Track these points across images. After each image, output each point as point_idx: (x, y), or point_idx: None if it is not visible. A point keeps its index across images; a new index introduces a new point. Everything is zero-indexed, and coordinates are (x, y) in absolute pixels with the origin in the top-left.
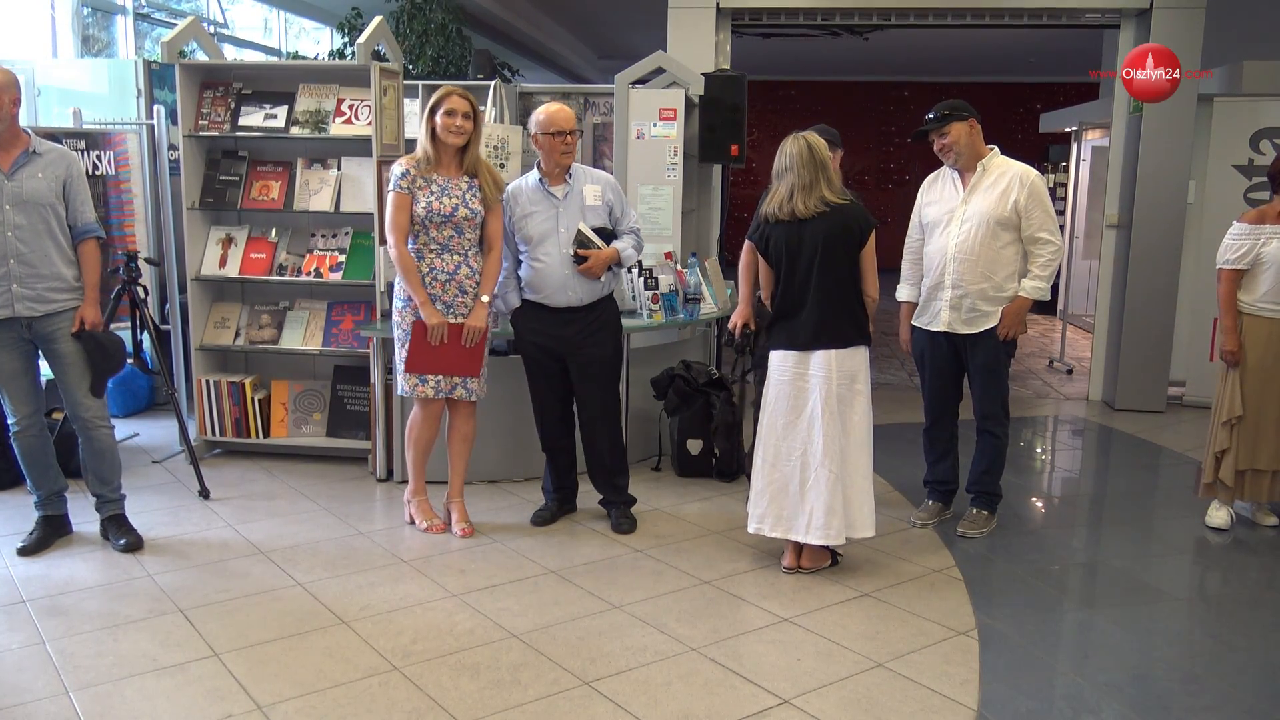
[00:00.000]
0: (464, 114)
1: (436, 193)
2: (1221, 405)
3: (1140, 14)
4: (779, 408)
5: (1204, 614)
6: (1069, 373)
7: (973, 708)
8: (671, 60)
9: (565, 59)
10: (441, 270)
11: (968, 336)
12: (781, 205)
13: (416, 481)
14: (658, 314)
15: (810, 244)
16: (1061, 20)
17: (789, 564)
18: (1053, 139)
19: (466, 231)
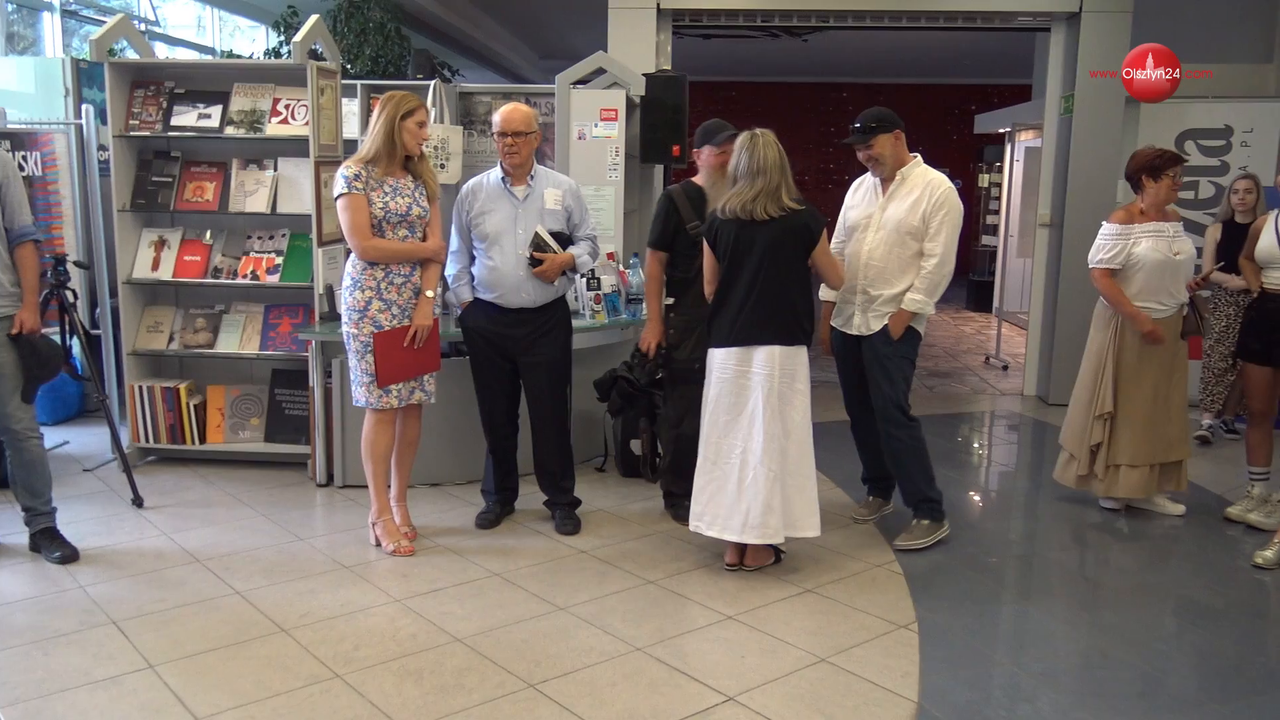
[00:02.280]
0: (420, 123)
1: (390, 193)
2: (1096, 400)
3: (1070, 18)
4: (720, 405)
5: (1133, 604)
6: (1005, 369)
7: (913, 700)
8: (612, 61)
9: (506, 59)
10: (398, 273)
11: (867, 336)
12: (744, 205)
13: (379, 500)
14: (600, 314)
15: (762, 245)
16: (994, 23)
17: (730, 561)
18: (987, 140)
19: (418, 230)
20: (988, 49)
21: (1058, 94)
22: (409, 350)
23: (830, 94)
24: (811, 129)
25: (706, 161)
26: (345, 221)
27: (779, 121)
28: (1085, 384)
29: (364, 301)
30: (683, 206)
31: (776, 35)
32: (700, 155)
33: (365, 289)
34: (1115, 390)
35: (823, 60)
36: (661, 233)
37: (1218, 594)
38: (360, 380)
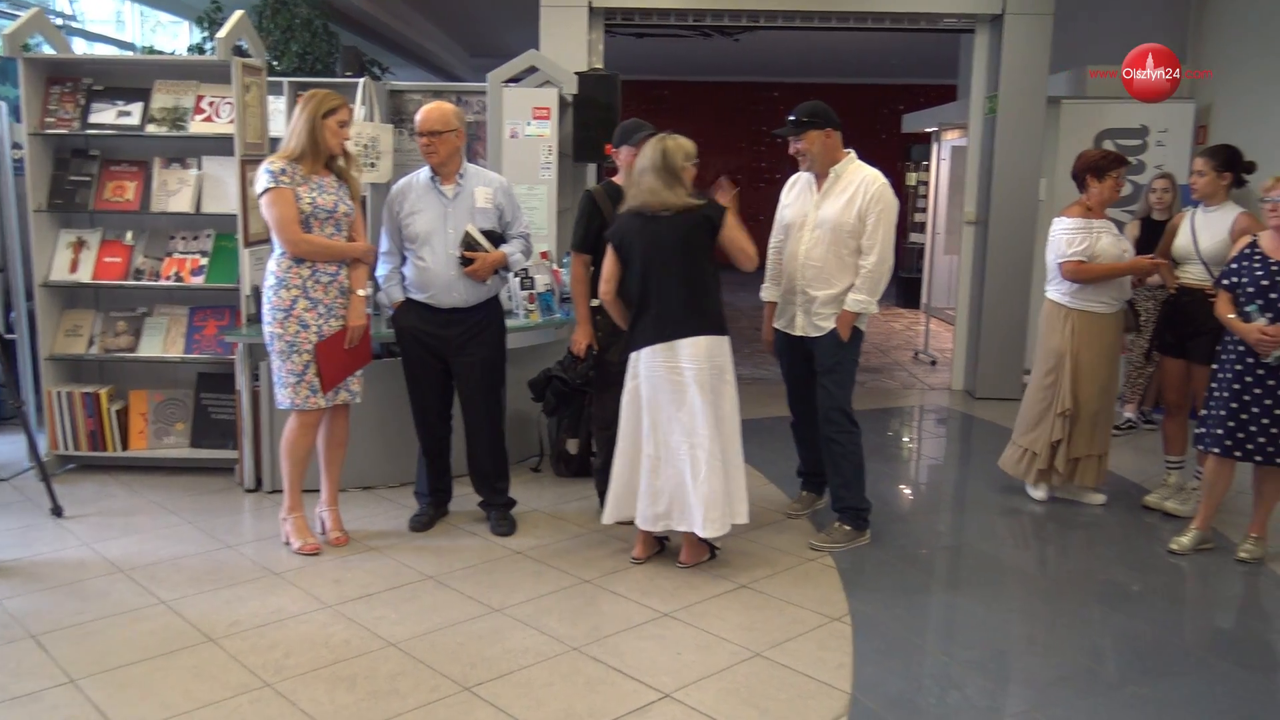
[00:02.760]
0: (341, 122)
1: (317, 190)
2: (1057, 398)
3: (993, 20)
4: (658, 403)
5: (1058, 591)
6: (933, 364)
7: (847, 691)
8: (544, 59)
9: (437, 57)
10: (324, 272)
11: (815, 339)
12: (644, 203)
13: (293, 498)
14: (534, 314)
15: (671, 241)
16: (920, 24)
17: (638, 555)
18: (914, 139)
19: (344, 228)
20: (915, 50)
21: (982, 94)
22: (345, 351)
23: (762, 93)
24: (744, 128)
25: (625, 161)
26: (273, 217)
27: (711, 121)
28: (1043, 383)
29: (289, 300)
30: (604, 207)
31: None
32: (619, 155)
33: (291, 288)
34: (1074, 388)
35: (755, 60)
36: (584, 235)
37: (1137, 579)
38: (285, 381)
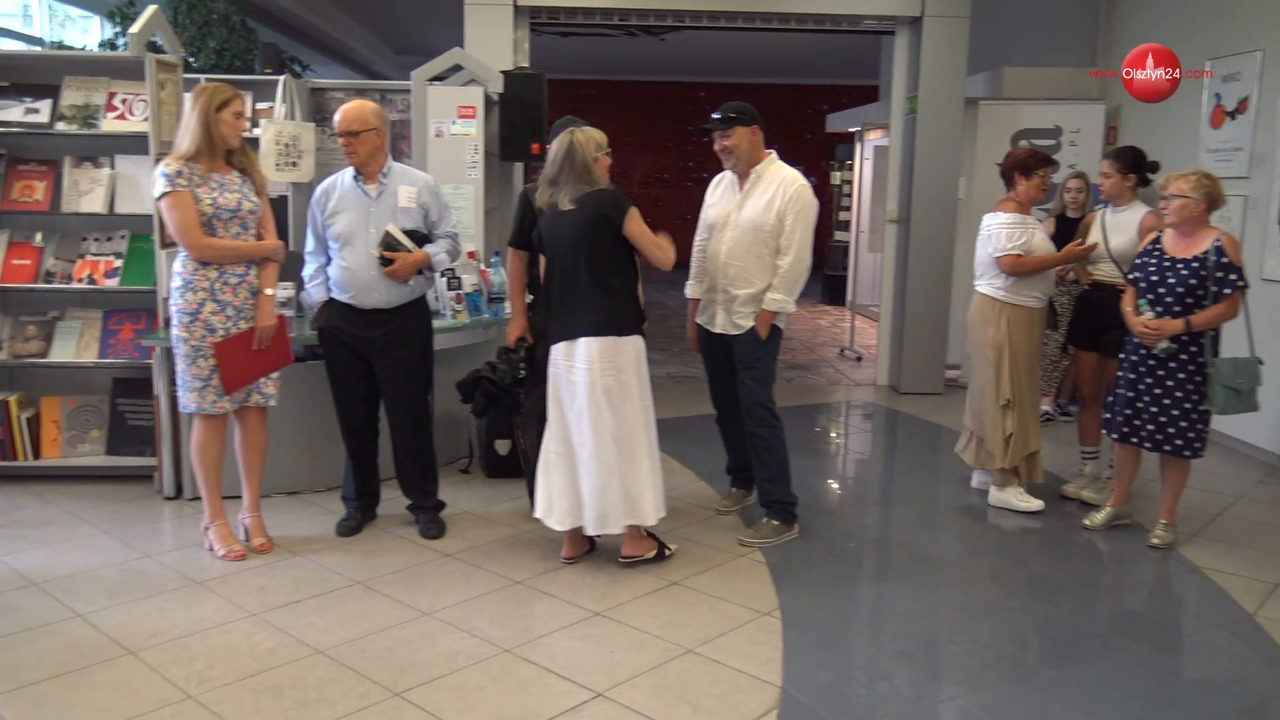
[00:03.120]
0: (237, 113)
1: (217, 188)
2: (999, 390)
3: (912, 22)
4: (555, 399)
5: (980, 580)
6: (858, 360)
7: (777, 684)
8: (469, 57)
9: (360, 54)
10: (233, 273)
11: (735, 337)
12: (546, 199)
13: (213, 505)
14: (461, 314)
15: (569, 238)
16: (842, 26)
17: (568, 554)
18: (838, 139)
19: (251, 227)
20: (838, 51)
21: (902, 95)
22: (255, 353)
23: (688, 93)
24: (670, 127)
25: None
26: (173, 221)
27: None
28: (989, 377)
29: (196, 304)
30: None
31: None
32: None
33: (198, 290)
34: (1015, 379)
35: (681, 59)
36: (518, 231)
37: (1057, 567)
38: (190, 385)
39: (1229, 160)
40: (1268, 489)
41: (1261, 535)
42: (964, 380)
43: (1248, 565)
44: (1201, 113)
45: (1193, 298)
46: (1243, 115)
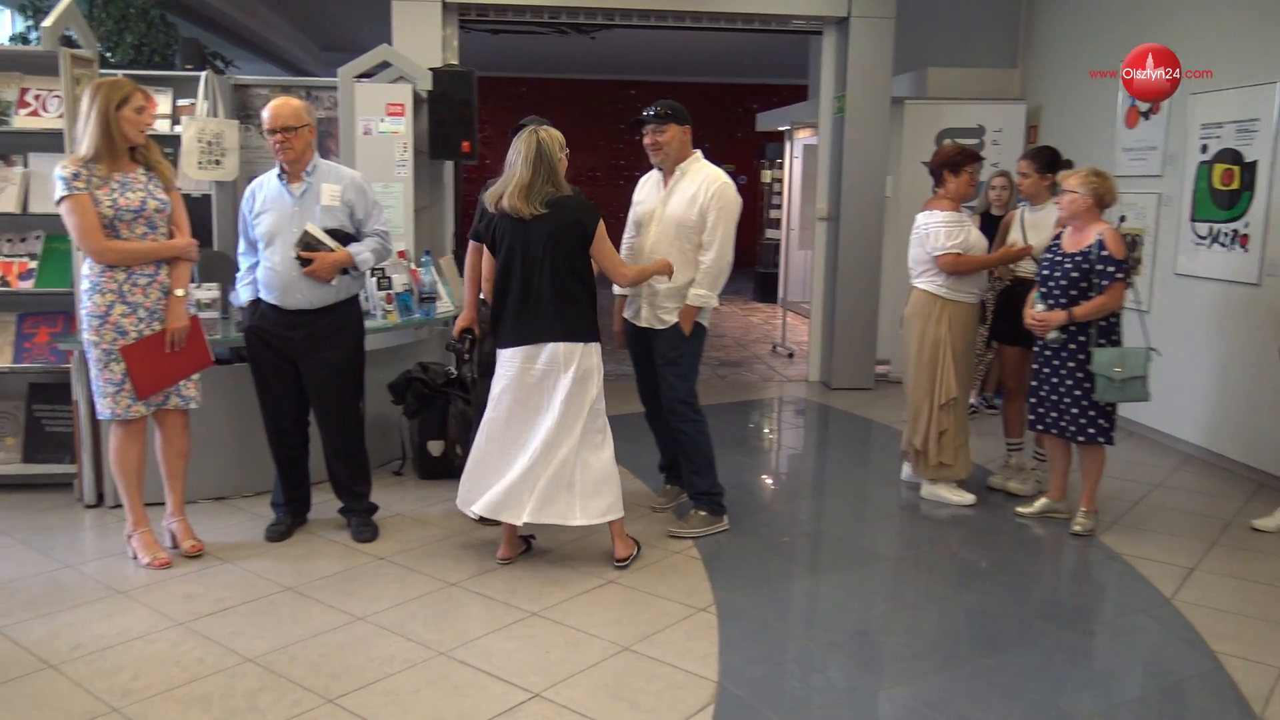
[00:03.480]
0: (138, 108)
1: (118, 189)
2: (939, 388)
3: (839, 22)
4: (503, 402)
5: (912, 572)
6: (790, 356)
7: (713, 679)
8: (397, 54)
9: (284, 50)
10: (142, 274)
11: (658, 331)
12: (509, 201)
13: (135, 513)
14: (392, 314)
15: (539, 242)
16: (771, 25)
17: (505, 555)
18: (768, 137)
19: (160, 225)
20: (768, 50)
21: (831, 94)
22: (169, 355)
23: (620, 91)
24: (602, 125)
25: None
26: (73, 226)
27: (569, 118)
28: (925, 376)
29: (105, 306)
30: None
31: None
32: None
33: (106, 293)
34: (956, 377)
35: (612, 58)
36: (475, 224)
37: (985, 557)
38: (104, 391)
39: (1143, 159)
40: (1183, 477)
41: (1177, 522)
42: (895, 376)
43: (1165, 551)
44: (1117, 113)
45: (1076, 289)
46: (1155, 116)
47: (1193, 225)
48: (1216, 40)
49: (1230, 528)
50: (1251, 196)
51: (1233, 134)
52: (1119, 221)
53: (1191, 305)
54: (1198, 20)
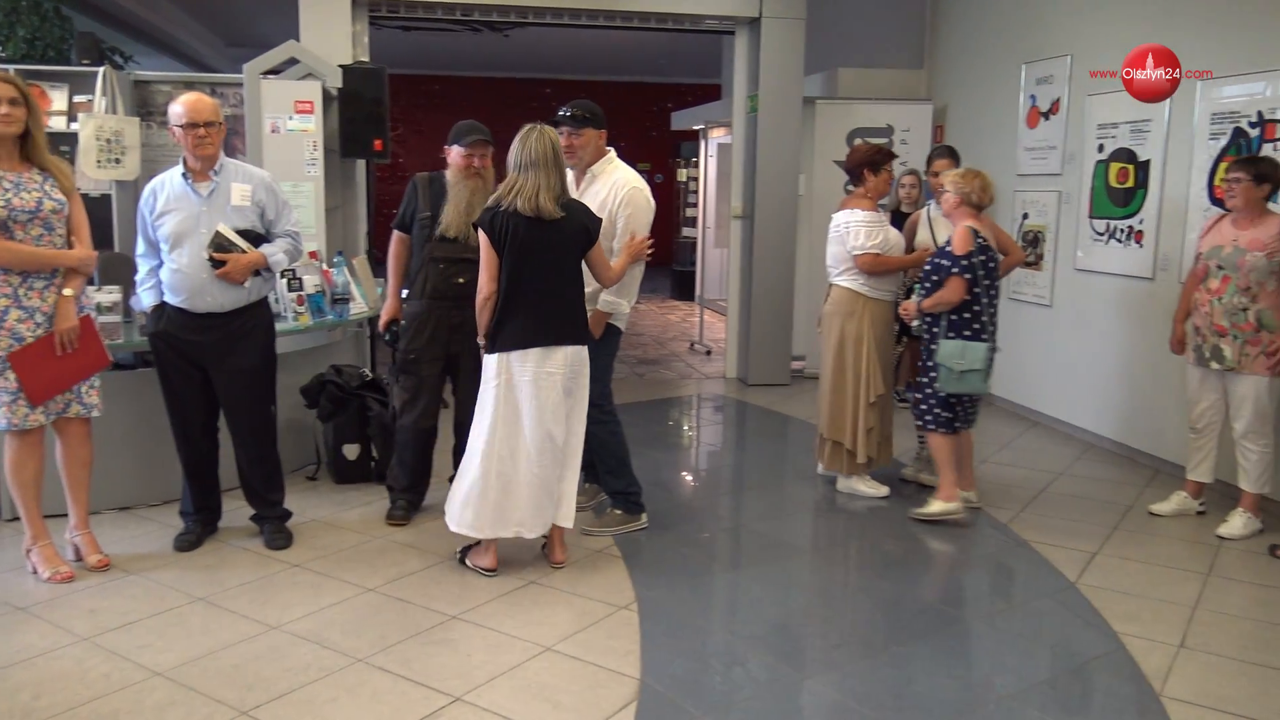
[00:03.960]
0: (10, 100)
1: (11, 189)
2: (864, 386)
3: (751, 22)
4: (511, 403)
5: (830, 564)
6: (708, 353)
7: (636, 676)
8: (305, 51)
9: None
10: (38, 277)
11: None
12: (528, 201)
13: (34, 526)
14: (304, 316)
15: (556, 245)
16: (684, 25)
17: (491, 566)
18: (683, 136)
19: (57, 227)
20: (682, 50)
21: (744, 94)
22: (61, 359)
23: (535, 90)
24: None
25: (454, 160)
26: None
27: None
28: (847, 373)
29: None
30: (422, 194)
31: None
32: (449, 153)
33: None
34: (881, 374)
35: (526, 56)
36: (400, 215)
37: (899, 547)
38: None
39: (1044, 158)
40: (1085, 465)
41: (1080, 508)
42: (811, 372)
43: (1069, 537)
44: (1019, 113)
45: (929, 282)
46: (1055, 116)
47: (1091, 222)
48: (1113, 44)
49: (1130, 513)
50: (1145, 194)
51: (1127, 134)
52: (1022, 219)
53: (1091, 299)
54: (1097, 24)
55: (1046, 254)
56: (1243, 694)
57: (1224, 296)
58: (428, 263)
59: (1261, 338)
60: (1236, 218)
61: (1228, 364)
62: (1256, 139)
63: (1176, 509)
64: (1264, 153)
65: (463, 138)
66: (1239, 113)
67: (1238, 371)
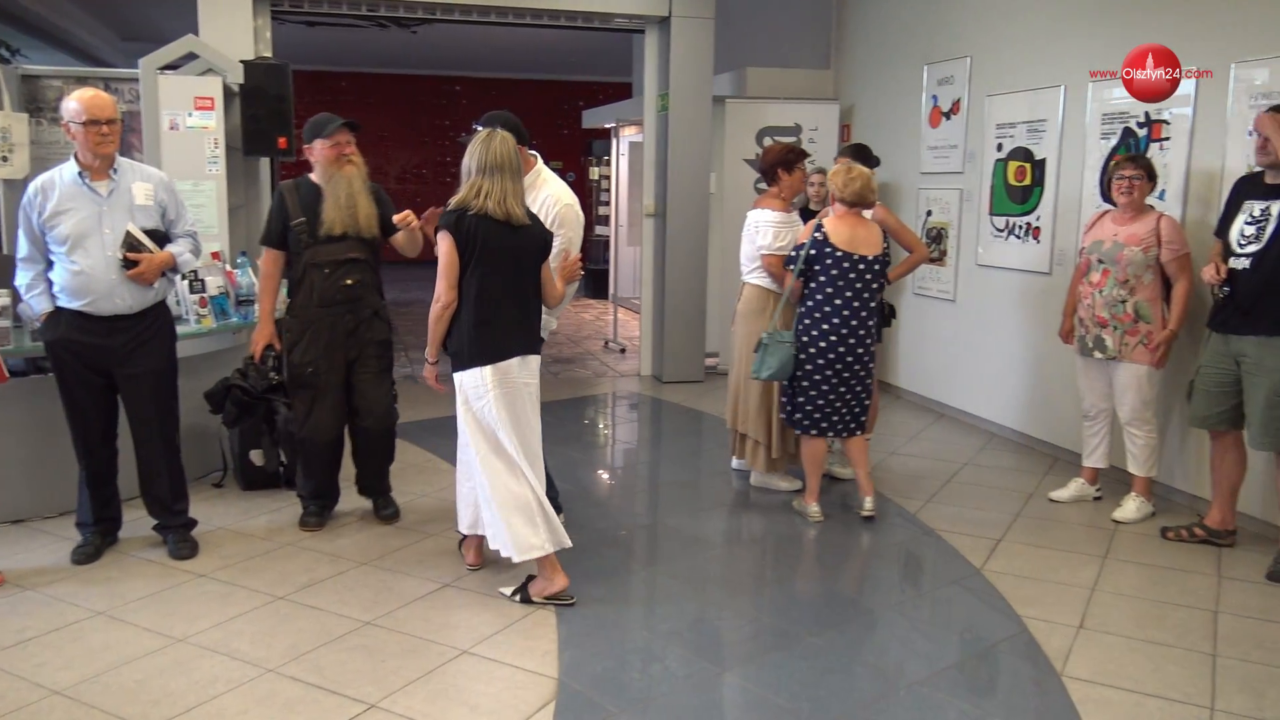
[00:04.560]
0: None
1: None
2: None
3: (661, 21)
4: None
5: (745, 558)
6: (622, 351)
7: (554, 676)
8: (205, 45)
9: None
10: None
11: None
12: (499, 204)
13: None
14: (207, 319)
15: (527, 252)
16: (594, 23)
17: (475, 562)
18: (595, 134)
19: None
20: (593, 48)
21: (654, 92)
22: None
23: (445, 87)
24: (427, 122)
25: (320, 156)
26: None
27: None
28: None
29: None
30: (291, 202)
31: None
32: (312, 151)
33: None
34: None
35: (436, 54)
36: (269, 230)
37: (812, 539)
38: None
39: (946, 157)
40: (989, 454)
41: (984, 497)
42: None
43: (974, 525)
44: (922, 112)
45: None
46: (956, 116)
47: (991, 219)
48: (1010, 46)
49: (1031, 500)
50: (1042, 192)
51: (1024, 134)
52: (926, 216)
53: (993, 294)
54: (995, 27)
55: (950, 250)
56: (1138, 671)
57: (1104, 289)
58: (310, 270)
59: (1140, 328)
60: (1117, 214)
61: (1109, 353)
62: (1144, 138)
63: (1074, 495)
64: (1151, 152)
65: (324, 129)
66: (1128, 113)
67: (1119, 360)
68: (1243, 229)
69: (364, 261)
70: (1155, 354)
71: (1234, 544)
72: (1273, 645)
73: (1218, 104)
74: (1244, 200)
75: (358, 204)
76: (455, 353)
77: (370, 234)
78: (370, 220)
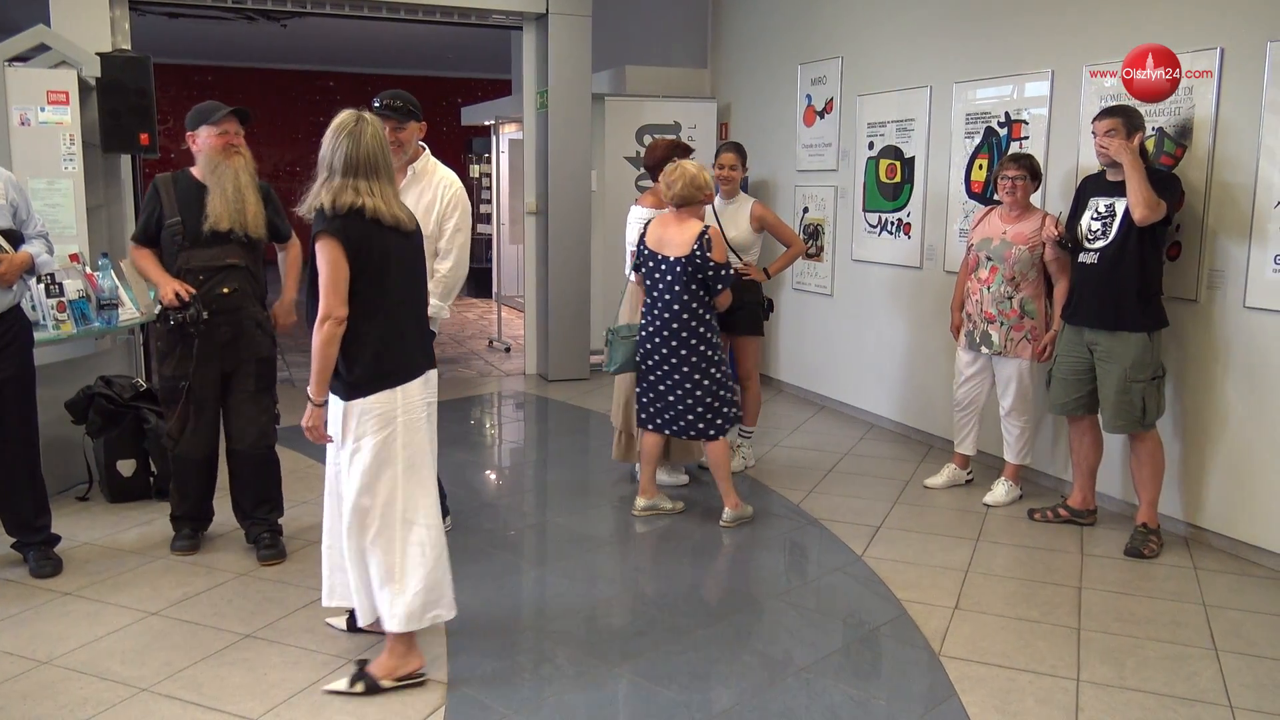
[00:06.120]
0: None
1: None
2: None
3: (539, 18)
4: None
5: (633, 553)
6: (507, 350)
7: (444, 681)
8: (57, 36)
9: None
10: None
11: None
12: (388, 206)
13: None
14: (66, 324)
15: (414, 254)
16: (471, 19)
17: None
18: (475, 132)
19: None
20: (471, 43)
21: (534, 90)
22: None
23: (318, 82)
24: (300, 118)
25: (206, 144)
26: None
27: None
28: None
29: None
30: (166, 198)
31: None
32: (196, 139)
33: None
34: None
35: (308, 48)
36: (143, 226)
37: (700, 533)
38: None
39: (821, 155)
40: (867, 444)
41: (863, 485)
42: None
43: (854, 513)
44: (797, 111)
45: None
46: (830, 115)
47: (865, 215)
48: (880, 47)
49: (908, 487)
50: (912, 189)
51: (894, 133)
52: (803, 212)
53: (868, 288)
54: (865, 29)
55: (826, 246)
56: (1010, 647)
57: (992, 285)
58: (183, 276)
59: (1025, 324)
60: (1004, 212)
61: (995, 348)
62: (1005, 137)
63: (948, 481)
64: (1012, 149)
65: (210, 116)
66: (990, 113)
67: (1004, 355)
68: (1089, 225)
69: (243, 269)
70: (1040, 349)
71: (1095, 523)
72: (1130, 617)
73: (1071, 104)
74: (1090, 197)
75: (246, 199)
76: (354, 380)
77: (257, 234)
78: (258, 219)
